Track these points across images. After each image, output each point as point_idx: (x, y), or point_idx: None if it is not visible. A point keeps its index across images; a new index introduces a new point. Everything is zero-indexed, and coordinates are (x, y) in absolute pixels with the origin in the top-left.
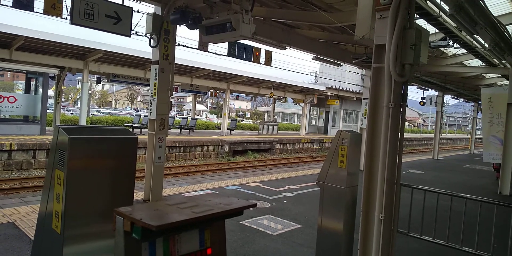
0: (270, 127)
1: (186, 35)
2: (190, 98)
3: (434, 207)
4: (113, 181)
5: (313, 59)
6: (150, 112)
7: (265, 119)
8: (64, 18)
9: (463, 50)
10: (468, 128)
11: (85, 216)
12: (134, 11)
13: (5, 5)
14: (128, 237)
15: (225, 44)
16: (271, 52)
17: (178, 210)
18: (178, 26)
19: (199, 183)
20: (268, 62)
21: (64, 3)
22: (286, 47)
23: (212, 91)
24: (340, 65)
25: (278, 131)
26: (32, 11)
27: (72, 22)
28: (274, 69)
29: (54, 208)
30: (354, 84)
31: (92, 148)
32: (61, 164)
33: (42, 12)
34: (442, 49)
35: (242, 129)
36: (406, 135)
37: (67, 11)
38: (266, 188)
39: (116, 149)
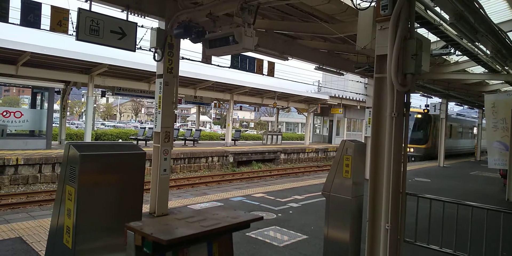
0: (274, 137)
1: (189, 47)
2: (194, 110)
3: (440, 216)
4: (122, 195)
5: (315, 69)
6: (155, 125)
7: (269, 129)
8: (70, 35)
9: (465, 58)
10: None
11: (96, 230)
12: (139, 26)
13: (13, 23)
14: (139, 251)
15: (228, 56)
16: (273, 63)
17: (187, 224)
18: (181, 39)
19: (204, 195)
20: (271, 73)
21: (70, 19)
22: (289, 58)
23: (215, 102)
24: (342, 74)
25: (282, 141)
26: (39, 28)
27: (78, 38)
28: (277, 79)
29: (65, 223)
30: (357, 93)
31: (102, 164)
32: (71, 180)
33: (48, 29)
34: (444, 57)
35: (246, 140)
36: None
37: (73, 27)
38: (272, 199)
39: (125, 164)
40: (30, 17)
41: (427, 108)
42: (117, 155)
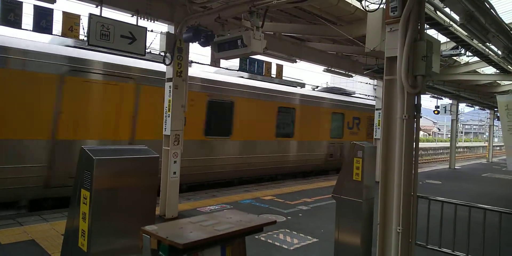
0: None
1: (195, 50)
2: None
3: (452, 219)
4: (136, 199)
5: (324, 71)
6: (165, 128)
7: None
8: (81, 40)
9: (476, 58)
10: (485, 136)
11: (111, 234)
12: (148, 30)
13: (26, 30)
14: (155, 255)
15: (236, 59)
16: (282, 65)
17: (201, 227)
18: (190, 43)
19: (213, 197)
20: (279, 75)
21: (81, 25)
22: (297, 60)
23: None
24: (351, 76)
25: None
26: (51, 34)
27: (89, 43)
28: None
29: (80, 227)
30: (366, 95)
31: (117, 168)
32: (86, 184)
33: (60, 34)
34: (455, 58)
35: None
36: (421, 145)
37: (84, 32)
38: (281, 202)
39: (139, 168)
40: (42, 23)
41: (438, 109)
42: (131, 159)
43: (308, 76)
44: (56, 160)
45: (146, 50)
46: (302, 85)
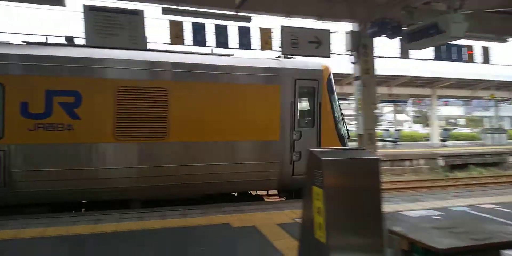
0: (496, 135)
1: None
2: (386, 108)
3: None
4: (363, 198)
5: None
6: (357, 127)
7: (487, 126)
8: (274, 51)
9: None
10: None
11: (345, 230)
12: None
13: (232, 48)
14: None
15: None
16: (487, 47)
17: (452, 234)
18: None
19: (416, 201)
20: (486, 60)
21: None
22: (508, 39)
23: (413, 98)
24: None
25: (508, 140)
26: (250, 49)
27: (283, 52)
28: (493, 66)
29: (316, 220)
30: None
31: (342, 168)
32: (318, 182)
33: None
34: None
35: (457, 139)
36: None
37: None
38: (507, 212)
39: (362, 169)
40: (244, 41)
41: None
42: (354, 160)
43: None
44: None
45: None
46: None
